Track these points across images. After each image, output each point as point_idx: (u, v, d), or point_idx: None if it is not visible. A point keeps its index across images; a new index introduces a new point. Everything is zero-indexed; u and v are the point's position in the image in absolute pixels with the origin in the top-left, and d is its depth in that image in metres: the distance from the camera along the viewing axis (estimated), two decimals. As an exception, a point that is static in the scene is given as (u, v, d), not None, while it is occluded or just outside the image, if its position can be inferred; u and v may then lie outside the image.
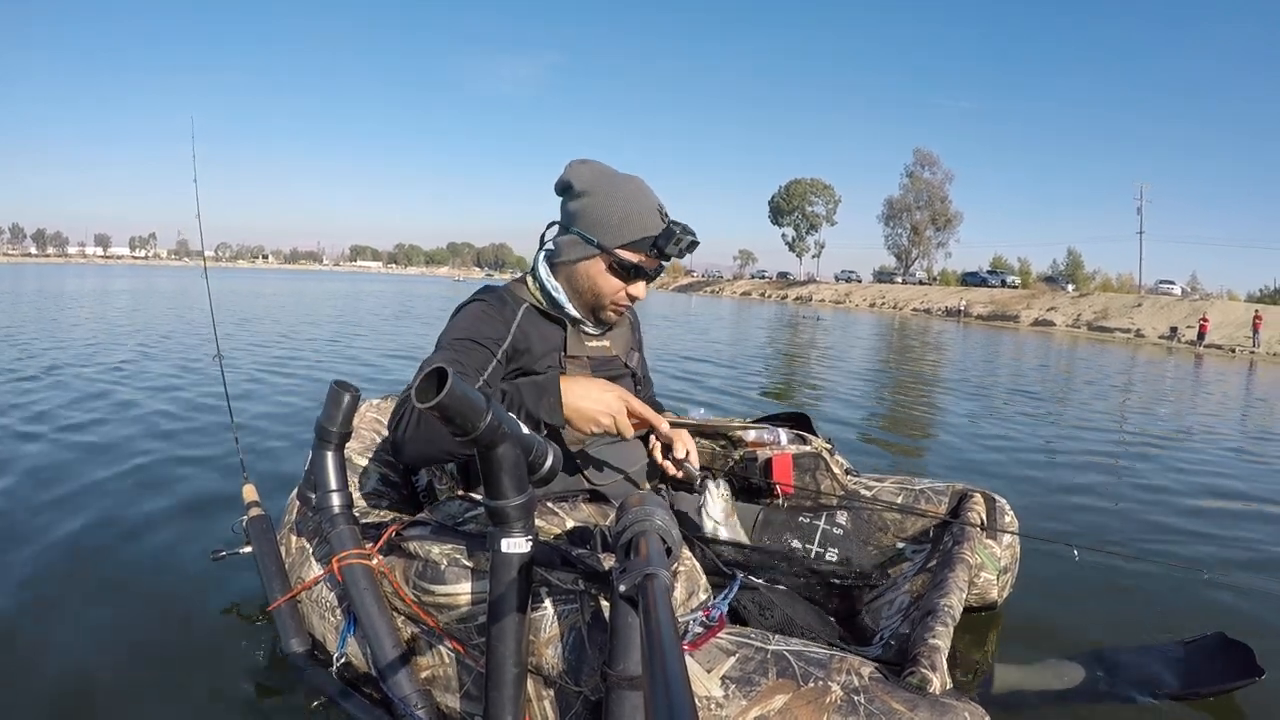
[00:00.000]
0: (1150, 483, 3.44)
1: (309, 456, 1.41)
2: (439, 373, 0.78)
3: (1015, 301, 35.63)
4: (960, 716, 0.90)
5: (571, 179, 1.32)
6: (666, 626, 0.60)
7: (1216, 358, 19.04)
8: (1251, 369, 15.03)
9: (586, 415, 1.22)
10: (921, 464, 3.67)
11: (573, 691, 1.03)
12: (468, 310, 1.34)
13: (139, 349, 6.68)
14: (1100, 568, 2.10)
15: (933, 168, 56.90)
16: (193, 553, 1.95)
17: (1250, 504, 3.19)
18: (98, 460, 2.87)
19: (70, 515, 2.24)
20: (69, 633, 1.56)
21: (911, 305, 40.72)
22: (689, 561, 1.10)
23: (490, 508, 0.94)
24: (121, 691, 1.36)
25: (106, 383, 4.74)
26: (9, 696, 1.34)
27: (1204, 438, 4.98)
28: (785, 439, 1.81)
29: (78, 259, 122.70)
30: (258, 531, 1.56)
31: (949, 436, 4.41)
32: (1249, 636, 1.48)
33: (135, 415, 3.76)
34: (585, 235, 1.29)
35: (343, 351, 7.55)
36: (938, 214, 56.07)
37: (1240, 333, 23.97)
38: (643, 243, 1.29)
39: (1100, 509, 2.92)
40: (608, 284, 1.32)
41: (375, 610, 1.21)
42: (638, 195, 1.30)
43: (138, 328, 8.82)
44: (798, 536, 1.68)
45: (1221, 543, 2.56)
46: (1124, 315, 29.37)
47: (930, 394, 6.60)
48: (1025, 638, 1.69)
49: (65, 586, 1.76)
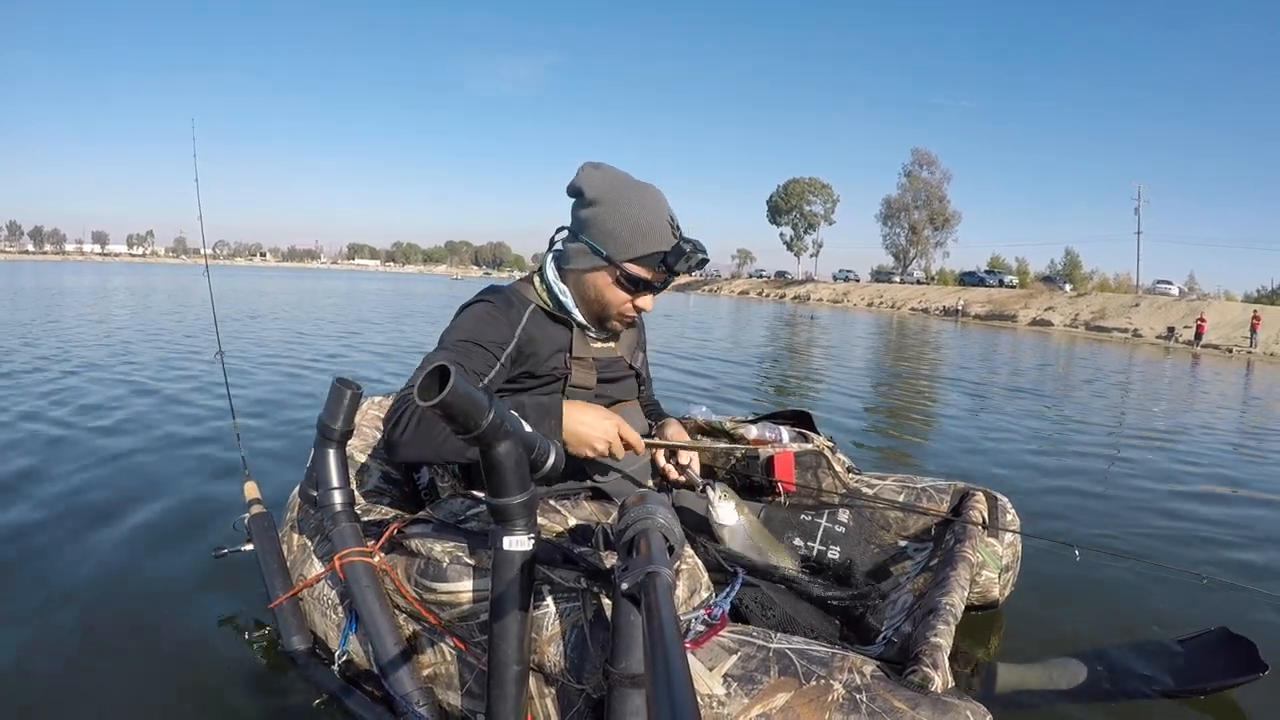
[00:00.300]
0: (1151, 481, 3.43)
1: (311, 454, 1.41)
2: (441, 371, 0.78)
3: (1013, 301, 35.57)
4: (962, 715, 0.90)
5: (583, 185, 1.30)
6: (669, 624, 0.60)
7: (1214, 357, 19.02)
8: (1249, 369, 15.03)
9: (583, 439, 1.22)
10: (923, 462, 3.67)
11: (575, 689, 1.03)
12: (472, 310, 1.32)
13: (139, 345, 6.68)
14: (1102, 566, 2.10)
15: (931, 167, 56.96)
16: (194, 550, 1.95)
17: (1251, 503, 3.19)
18: (98, 457, 2.87)
19: (70, 512, 2.24)
20: (69, 630, 1.56)
21: (909, 305, 40.65)
22: (691, 559, 1.10)
23: (492, 505, 0.94)
24: (122, 689, 1.36)
25: (107, 380, 4.74)
26: (9, 693, 1.34)
27: (1205, 436, 4.98)
28: (787, 437, 1.80)
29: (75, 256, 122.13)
30: (259, 529, 1.56)
31: (950, 435, 4.41)
32: (1251, 633, 1.48)
33: (136, 412, 3.76)
34: (594, 245, 1.28)
35: (344, 349, 7.55)
36: (935, 213, 56.05)
37: (1238, 333, 23.97)
38: (652, 258, 1.28)
39: (1101, 507, 2.91)
40: (614, 296, 1.31)
41: (377, 608, 1.21)
42: (650, 207, 1.28)
43: (139, 324, 8.82)
44: (800, 535, 1.68)
45: (1223, 541, 2.56)
46: (1121, 315, 29.36)
47: (930, 392, 6.60)
48: (1027, 636, 1.69)
49: (65, 584, 1.76)
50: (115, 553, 1.96)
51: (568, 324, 1.36)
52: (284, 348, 7.24)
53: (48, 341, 6.71)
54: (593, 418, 1.23)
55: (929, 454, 3.90)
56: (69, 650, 1.48)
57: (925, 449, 4.05)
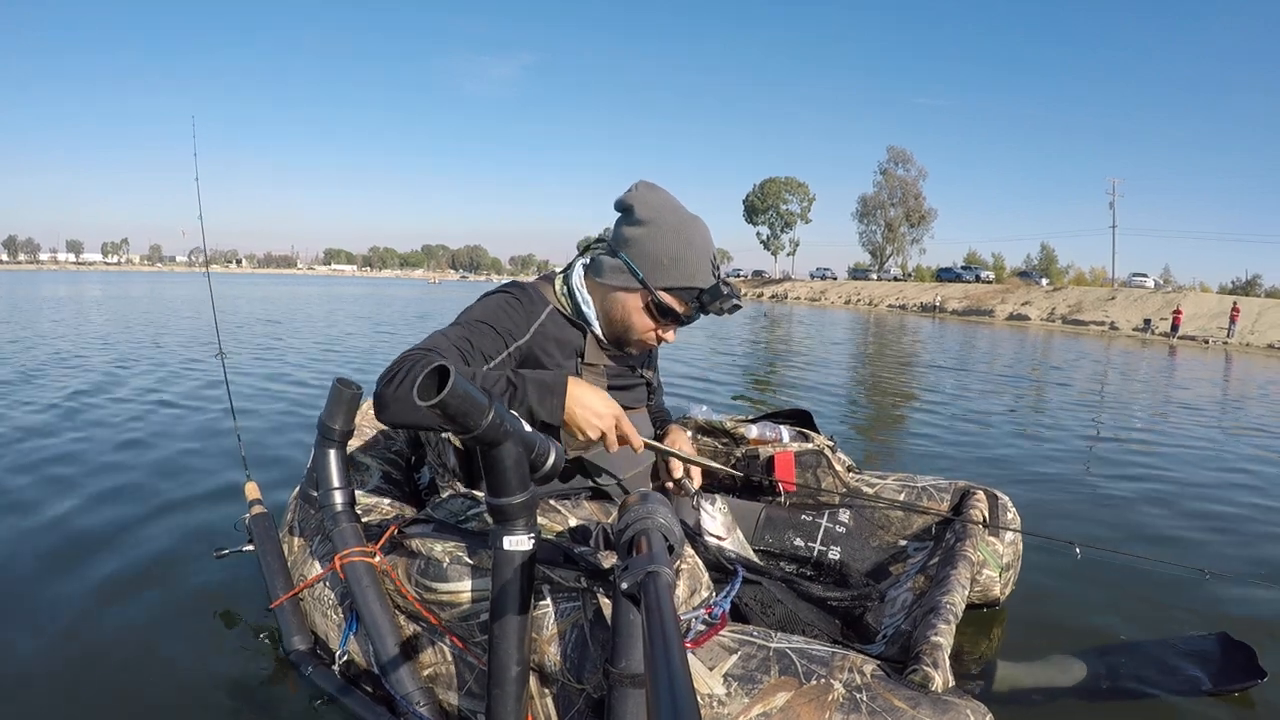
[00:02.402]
0: (1151, 481, 3.43)
1: (311, 454, 1.41)
2: (440, 371, 0.78)
3: (990, 297, 35.48)
4: (963, 714, 0.90)
5: (634, 203, 1.27)
6: (669, 624, 0.60)
7: (1190, 349, 19.02)
8: (1229, 360, 15.11)
9: (581, 421, 1.18)
10: (921, 461, 3.67)
11: (575, 689, 1.03)
12: (493, 298, 1.31)
13: (139, 346, 6.68)
14: (1102, 565, 2.10)
15: (906, 165, 57.18)
16: (195, 550, 1.95)
17: (1252, 502, 3.18)
18: (98, 457, 2.87)
19: (71, 512, 2.24)
20: (69, 630, 1.56)
21: (887, 302, 40.61)
22: (691, 559, 1.10)
23: (492, 505, 0.94)
24: (122, 689, 1.36)
25: (107, 381, 4.74)
26: (8, 693, 1.34)
27: (1209, 431, 4.97)
28: (787, 436, 1.81)
29: (50, 265, 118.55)
30: (260, 529, 1.56)
31: (950, 433, 4.41)
32: (1251, 636, 1.48)
33: (137, 413, 3.76)
34: (632, 266, 1.26)
35: (344, 348, 7.55)
36: (911, 210, 56.35)
37: (1214, 324, 24.05)
38: (688, 292, 1.25)
39: (1101, 506, 2.91)
40: (640, 321, 1.29)
41: (377, 608, 1.21)
42: (696, 242, 1.25)
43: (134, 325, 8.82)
44: (800, 534, 1.68)
45: (1224, 541, 2.55)
46: (1098, 308, 29.42)
47: (915, 389, 6.60)
48: (1027, 635, 1.68)
49: (65, 583, 1.76)
50: (115, 552, 1.96)
51: (582, 329, 1.34)
52: (286, 346, 7.24)
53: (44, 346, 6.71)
54: (595, 401, 1.18)
55: (928, 454, 3.89)
56: (68, 650, 1.48)
57: (922, 448, 4.04)
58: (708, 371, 6.93)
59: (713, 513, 1.48)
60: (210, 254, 25.29)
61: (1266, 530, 2.72)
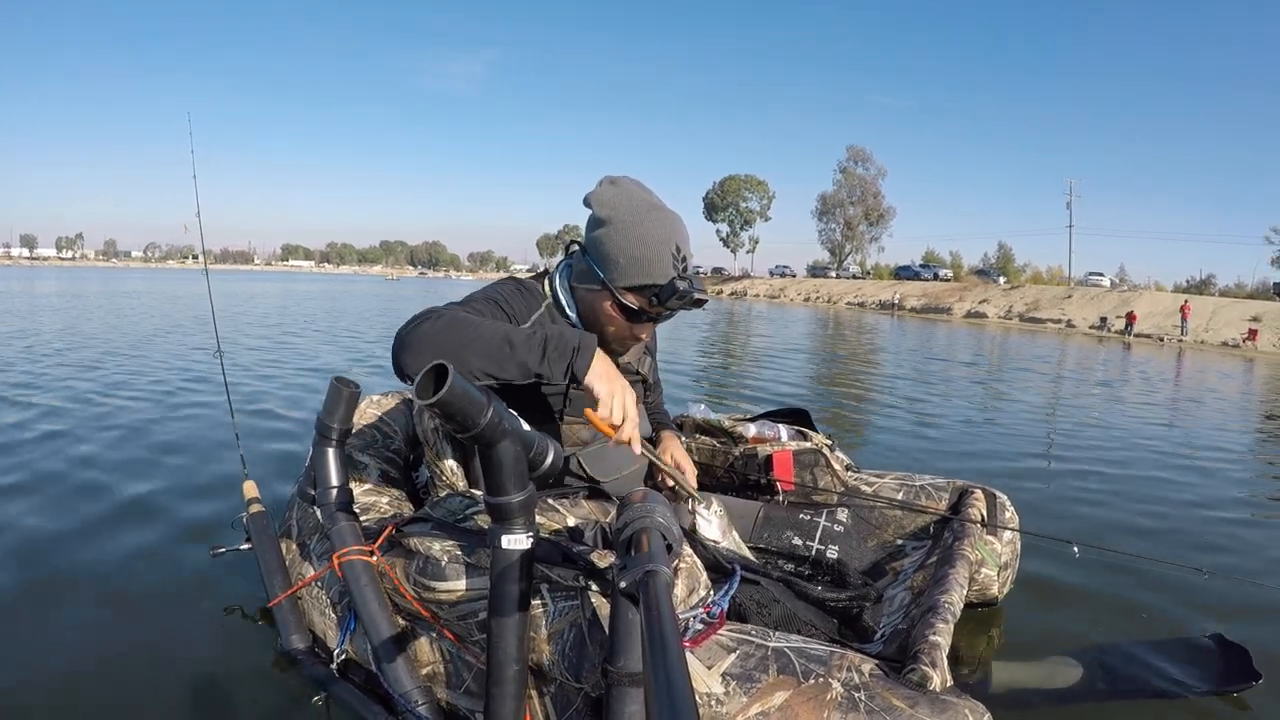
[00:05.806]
0: (1151, 480, 3.43)
1: (309, 453, 1.41)
2: (438, 369, 0.78)
3: (948, 294, 35.52)
4: (960, 713, 0.90)
5: (594, 202, 1.27)
6: (667, 623, 0.60)
7: (1145, 346, 19.08)
8: (1180, 356, 15.22)
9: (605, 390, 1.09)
10: (918, 460, 3.67)
11: (573, 688, 1.03)
12: (502, 284, 1.32)
13: (138, 346, 6.67)
14: (1100, 564, 2.10)
15: (866, 164, 57.48)
16: (192, 549, 1.95)
17: (1251, 501, 3.19)
18: (97, 455, 2.87)
19: (69, 511, 2.24)
20: (68, 629, 1.56)
21: (845, 299, 40.60)
22: (690, 558, 1.09)
23: (491, 504, 0.94)
24: (121, 689, 1.36)
25: (106, 380, 4.74)
26: (7, 694, 1.34)
27: (1199, 429, 4.98)
28: (785, 435, 1.81)
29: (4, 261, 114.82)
30: (258, 528, 1.56)
31: (949, 433, 4.41)
32: (1245, 636, 1.48)
33: (134, 412, 3.76)
34: (594, 266, 1.26)
35: (343, 348, 7.54)
36: (870, 209, 56.60)
37: (1169, 322, 24.23)
38: (645, 290, 1.24)
39: (1101, 504, 2.91)
40: (611, 320, 1.29)
41: (376, 606, 1.21)
42: (653, 236, 1.23)
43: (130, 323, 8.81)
44: (798, 533, 1.68)
45: (1222, 541, 2.56)
46: (1055, 306, 29.50)
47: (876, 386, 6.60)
48: (1025, 634, 1.69)
49: (64, 582, 1.76)
50: (113, 551, 1.95)
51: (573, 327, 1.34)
52: (284, 345, 7.23)
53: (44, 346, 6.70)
54: (618, 380, 1.11)
55: (924, 453, 3.89)
56: (67, 649, 1.48)
57: (918, 447, 4.05)
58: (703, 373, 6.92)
59: (708, 516, 1.48)
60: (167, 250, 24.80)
61: (1267, 530, 2.73)
